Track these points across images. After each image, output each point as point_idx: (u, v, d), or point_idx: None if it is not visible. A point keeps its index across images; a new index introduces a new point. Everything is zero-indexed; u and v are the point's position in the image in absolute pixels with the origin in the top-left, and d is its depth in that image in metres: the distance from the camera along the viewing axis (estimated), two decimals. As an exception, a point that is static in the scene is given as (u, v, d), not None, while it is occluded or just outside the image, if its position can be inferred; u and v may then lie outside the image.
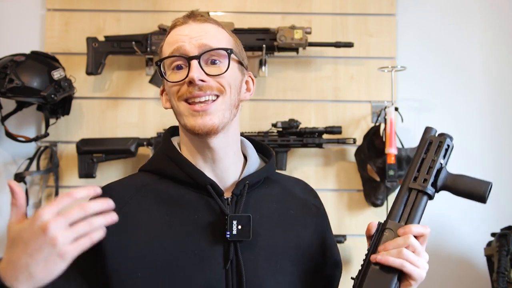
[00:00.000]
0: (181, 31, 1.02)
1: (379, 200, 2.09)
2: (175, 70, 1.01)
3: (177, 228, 0.98)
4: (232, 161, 1.06)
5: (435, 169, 0.99)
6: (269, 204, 1.06)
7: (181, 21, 1.04)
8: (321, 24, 2.23)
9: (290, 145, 2.08)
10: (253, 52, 2.09)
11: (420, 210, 0.98)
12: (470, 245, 2.18)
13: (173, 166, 1.03)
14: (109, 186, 1.04)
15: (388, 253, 0.92)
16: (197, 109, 0.98)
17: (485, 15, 2.28)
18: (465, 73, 2.26)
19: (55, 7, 2.20)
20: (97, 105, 2.18)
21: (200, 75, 0.97)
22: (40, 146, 2.14)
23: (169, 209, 1.00)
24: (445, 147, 1.02)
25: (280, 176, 1.16)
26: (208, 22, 1.04)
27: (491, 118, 2.26)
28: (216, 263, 0.97)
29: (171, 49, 1.01)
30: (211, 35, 1.02)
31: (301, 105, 2.21)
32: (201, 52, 0.99)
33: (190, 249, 0.97)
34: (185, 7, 2.19)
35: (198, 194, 1.01)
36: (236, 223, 0.97)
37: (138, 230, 0.97)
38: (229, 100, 1.01)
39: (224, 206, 1.00)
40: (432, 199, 1.00)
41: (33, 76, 1.94)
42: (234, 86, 1.03)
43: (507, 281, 1.81)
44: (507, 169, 2.24)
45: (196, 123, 0.98)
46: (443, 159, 1.01)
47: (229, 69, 1.01)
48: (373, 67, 2.19)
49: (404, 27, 2.26)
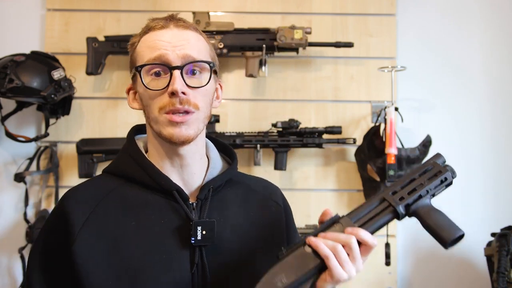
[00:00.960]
0: (162, 36, 1.01)
1: (379, 200, 2.08)
2: (153, 76, 1.00)
3: (144, 233, 0.99)
4: (199, 166, 1.07)
5: (418, 194, 0.94)
6: (233, 206, 1.08)
7: (161, 24, 1.02)
8: (321, 24, 2.23)
9: (290, 145, 2.08)
10: (253, 52, 2.09)
11: (380, 223, 0.94)
12: (470, 245, 2.17)
13: (139, 170, 1.04)
14: (74, 191, 1.04)
15: (324, 241, 0.91)
16: (176, 119, 0.98)
17: (485, 15, 2.28)
18: (465, 73, 2.26)
19: (55, 7, 2.20)
20: (97, 105, 2.18)
21: (182, 87, 0.97)
22: (40, 146, 2.14)
23: (135, 214, 1.01)
24: (441, 179, 0.97)
25: (243, 176, 1.17)
26: (189, 30, 1.03)
27: (491, 118, 2.26)
28: (183, 267, 0.99)
29: (153, 55, 0.99)
30: (192, 44, 1.01)
31: (301, 105, 2.21)
32: (184, 63, 0.99)
33: (157, 254, 0.98)
34: (185, 7, 2.20)
35: (165, 199, 1.03)
36: (201, 228, 0.99)
37: (106, 237, 0.98)
38: (203, 115, 1.02)
39: (189, 212, 1.02)
40: (398, 220, 0.95)
41: (33, 76, 1.94)
42: (208, 100, 1.04)
43: (507, 281, 1.81)
44: (507, 169, 2.24)
45: (174, 132, 0.99)
46: (432, 189, 0.96)
47: (209, 83, 1.02)
48: (373, 67, 2.19)
49: (404, 27, 2.26)
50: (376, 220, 0.94)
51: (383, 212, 0.94)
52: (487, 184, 2.23)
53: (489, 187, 2.23)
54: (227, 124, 2.18)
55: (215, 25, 2.08)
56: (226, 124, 2.18)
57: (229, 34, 2.08)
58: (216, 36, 2.07)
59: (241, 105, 2.20)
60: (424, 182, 0.95)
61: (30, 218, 2.11)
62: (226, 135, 2.06)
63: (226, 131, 2.11)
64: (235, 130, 2.14)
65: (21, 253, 2.04)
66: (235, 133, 2.07)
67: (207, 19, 2.08)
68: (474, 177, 2.23)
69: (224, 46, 2.07)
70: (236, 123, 2.19)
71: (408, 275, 2.20)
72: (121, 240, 0.98)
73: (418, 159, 2.09)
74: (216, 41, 2.07)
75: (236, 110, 2.20)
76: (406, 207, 0.94)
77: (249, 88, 2.21)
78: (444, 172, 0.97)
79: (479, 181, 2.23)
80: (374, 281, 2.13)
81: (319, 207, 2.18)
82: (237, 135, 2.06)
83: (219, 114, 2.09)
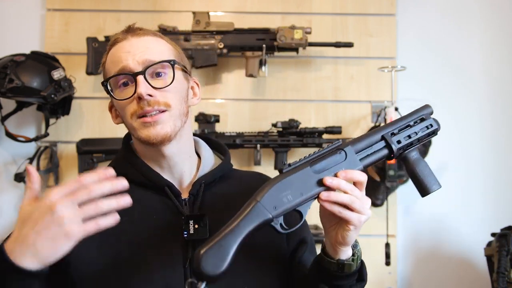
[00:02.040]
0: (122, 48, 1.04)
1: (379, 200, 2.09)
2: (122, 87, 1.03)
3: (137, 228, 1.02)
4: (188, 164, 1.09)
5: (412, 140, 1.00)
6: (226, 201, 1.09)
7: (120, 37, 1.06)
8: (321, 24, 2.23)
9: (290, 145, 2.07)
10: (253, 52, 2.09)
11: (375, 159, 0.99)
12: (470, 245, 2.18)
13: (132, 170, 1.07)
14: None
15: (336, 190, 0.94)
16: (148, 120, 1.01)
17: (485, 15, 2.28)
18: (465, 73, 2.26)
19: (55, 7, 2.20)
20: (97, 105, 2.18)
21: (147, 89, 1.00)
22: (40, 146, 2.14)
23: (128, 211, 1.00)
24: (432, 130, 1.02)
25: (236, 171, 1.19)
26: (147, 35, 1.06)
27: (491, 118, 2.26)
28: (176, 262, 1.01)
29: (116, 69, 1.03)
30: (151, 48, 1.04)
31: (301, 105, 2.21)
32: (145, 67, 1.02)
33: (150, 250, 1.00)
34: (185, 7, 2.20)
35: (157, 195, 1.06)
36: (193, 222, 1.01)
37: (98, 233, 0.98)
38: (177, 112, 1.04)
39: (181, 207, 1.04)
40: (389, 159, 1.02)
41: (33, 76, 1.94)
42: (180, 97, 1.05)
43: (507, 281, 1.81)
44: (507, 169, 2.24)
45: (149, 133, 1.01)
46: (422, 139, 1.02)
47: (175, 79, 1.03)
48: (373, 67, 2.19)
49: (404, 27, 2.26)
50: (373, 155, 0.99)
51: (380, 150, 0.99)
52: (487, 184, 2.23)
53: (489, 187, 2.23)
54: (227, 124, 2.18)
55: (215, 25, 2.08)
56: (226, 124, 2.18)
57: (229, 34, 2.08)
58: (216, 36, 2.07)
59: (241, 105, 2.20)
60: (419, 132, 1.00)
61: (30, 218, 2.11)
62: (226, 135, 2.06)
63: (226, 131, 2.11)
64: (235, 130, 2.14)
65: (21, 253, 2.04)
66: (235, 133, 2.07)
67: (207, 19, 2.08)
68: (474, 177, 2.23)
69: (224, 46, 2.07)
70: (236, 123, 2.19)
71: (408, 275, 2.20)
72: (113, 235, 0.98)
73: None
74: (216, 41, 2.07)
75: (236, 110, 2.20)
76: (399, 150, 0.99)
77: (249, 88, 2.21)
78: (436, 126, 1.02)
79: (479, 181, 2.23)
80: (374, 281, 2.13)
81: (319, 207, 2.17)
82: (237, 135, 2.06)
83: (219, 114, 2.09)
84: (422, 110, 1.03)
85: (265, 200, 0.91)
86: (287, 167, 0.95)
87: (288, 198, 0.92)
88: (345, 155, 0.96)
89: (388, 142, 0.98)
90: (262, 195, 0.91)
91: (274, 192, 0.92)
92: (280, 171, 0.95)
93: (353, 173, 0.96)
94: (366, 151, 0.98)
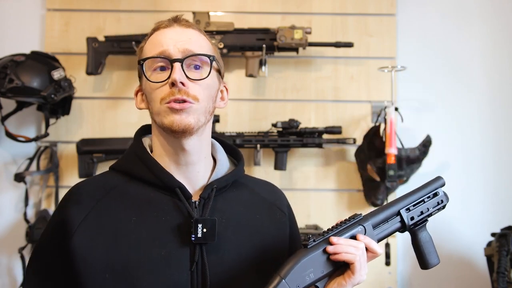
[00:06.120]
0: (166, 34, 1.05)
1: (379, 200, 2.09)
2: (157, 70, 1.03)
3: (145, 229, 1.01)
4: (203, 165, 1.09)
5: (423, 216, 1.06)
6: (237, 208, 1.09)
7: (165, 23, 1.07)
8: (321, 24, 2.23)
9: (290, 145, 2.08)
10: (253, 52, 2.09)
11: (388, 233, 1.04)
12: (470, 245, 2.18)
13: (143, 167, 1.06)
14: (78, 186, 1.07)
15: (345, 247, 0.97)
16: (175, 106, 1.00)
17: (485, 16, 2.28)
18: (465, 73, 2.26)
19: (55, 7, 2.20)
20: (97, 105, 2.19)
21: (181, 77, 1.00)
22: (40, 146, 2.14)
23: (137, 210, 1.02)
24: (442, 206, 1.09)
25: (249, 179, 1.18)
26: (192, 28, 1.08)
27: (491, 118, 2.26)
28: (182, 265, 1.00)
29: (156, 51, 1.03)
30: (194, 41, 1.05)
31: (301, 105, 2.21)
32: (185, 56, 1.02)
33: (157, 251, 0.99)
34: (185, 7, 2.20)
35: (167, 196, 1.04)
36: (201, 226, 1.00)
37: (106, 232, 0.99)
38: (203, 108, 1.03)
39: (191, 209, 1.03)
40: (401, 232, 1.07)
41: (33, 76, 1.94)
42: (209, 94, 1.05)
43: (507, 281, 1.81)
44: (507, 169, 2.24)
45: (174, 118, 1.00)
46: (432, 214, 1.08)
47: (210, 76, 1.04)
48: (373, 67, 2.19)
49: (404, 27, 2.26)
50: (387, 232, 1.04)
51: (394, 226, 1.05)
52: (487, 184, 2.23)
53: (489, 187, 2.23)
54: (227, 124, 2.18)
55: (215, 25, 2.08)
56: (226, 124, 2.18)
57: (229, 34, 2.08)
58: (216, 36, 2.07)
59: (241, 105, 2.20)
60: (430, 207, 1.07)
61: (30, 218, 2.11)
62: (226, 135, 2.06)
63: (226, 131, 2.11)
64: (235, 130, 2.14)
65: (21, 253, 2.04)
66: (235, 133, 2.07)
67: (207, 19, 2.08)
68: (474, 177, 2.23)
69: (224, 46, 2.07)
70: (236, 123, 2.19)
71: (408, 275, 2.20)
72: (121, 235, 0.99)
73: (418, 159, 2.09)
74: (216, 41, 2.07)
75: (236, 110, 2.20)
76: (410, 226, 1.06)
77: (249, 88, 2.21)
78: (445, 202, 1.09)
79: (479, 181, 2.23)
80: (374, 281, 2.13)
81: (319, 207, 2.18)
82: (237, 135, 2.06)
83: (219, 114, 2.09)
84: (435, 182, 1.09)
85: (289, 278, 0.93)
86: (311, 243, 0.97)
87: (310, 277, 0.95)
88: (364, 230, 1.01)
89: (402, 218, 1.04)
90: (286, 273, 0.94)
91: (298, 270, 0.94)
92: (305, 246, 0.97)
93: (372, 244, 1.00)
94: (382, 226, 1.03)
